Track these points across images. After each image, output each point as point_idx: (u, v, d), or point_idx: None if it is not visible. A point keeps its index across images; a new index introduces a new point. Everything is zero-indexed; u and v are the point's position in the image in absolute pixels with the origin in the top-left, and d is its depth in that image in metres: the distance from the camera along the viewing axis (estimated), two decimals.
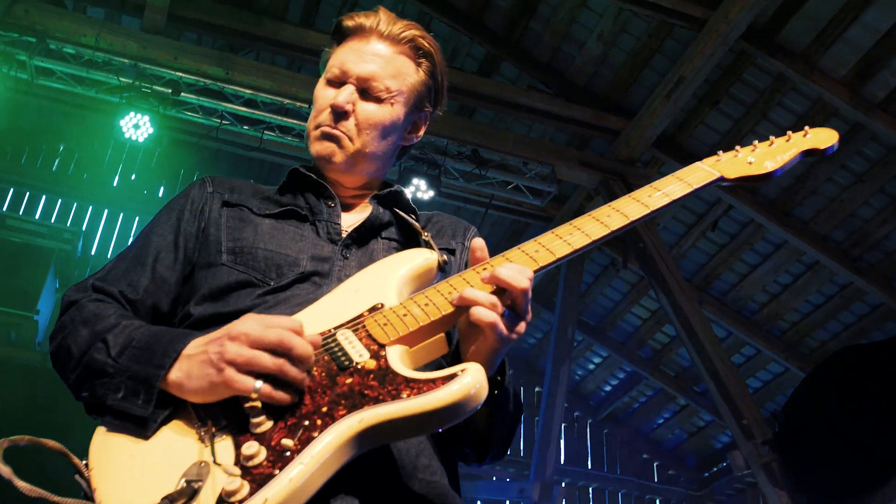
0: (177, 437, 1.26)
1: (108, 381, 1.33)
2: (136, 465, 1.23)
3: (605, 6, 6.31)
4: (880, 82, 5.78)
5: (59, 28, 6.00)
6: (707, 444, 9.67)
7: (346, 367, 1.28)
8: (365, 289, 1.45)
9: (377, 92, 1.71)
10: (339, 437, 1.17)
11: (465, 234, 1.82)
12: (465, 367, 1.23)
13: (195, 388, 1.27)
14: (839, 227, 6.77)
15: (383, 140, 1.75)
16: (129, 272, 1.61)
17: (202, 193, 1.76)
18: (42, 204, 8.49)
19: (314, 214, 1.70)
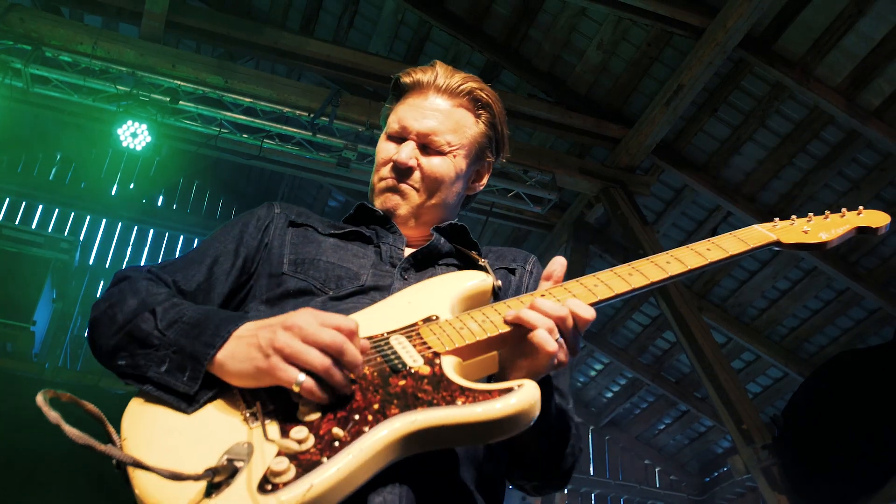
0: (219, 416, 1.23)
1: (152, 352, 1.30)
2: (174, 440, 1.19)
3: (605, 15, 6.34)
4: (875, 90, 5.82)
5: (56, 35, 5.96)
6: (708, 449, 9.70)
7: (399, 370, 1.27)
8: (419, 301, 1.46)
9: (438, 146, 1.75)
10: (391, 434, 1.16)
11: (526, 260, 1.84)
12: (522, 383, 1.22)
13: (238, 370, 1.24)
14: None
15: (447, 191, 1.78)
16: (185, 268, 1.63)
17: (269, 213, 1.79)
18: (39, 213, 8.45)
19: (379, 238, 1.72)
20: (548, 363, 1.31)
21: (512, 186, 6.72)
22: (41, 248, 6.85)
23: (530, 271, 1.79)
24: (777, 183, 6.77)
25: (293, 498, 1.06)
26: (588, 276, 1.49)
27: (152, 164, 8.34)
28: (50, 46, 5.95)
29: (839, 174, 6.47)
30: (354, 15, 7.49)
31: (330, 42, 7.06)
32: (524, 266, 1.80)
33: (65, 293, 7.21)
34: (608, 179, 6.77)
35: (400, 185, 1.74)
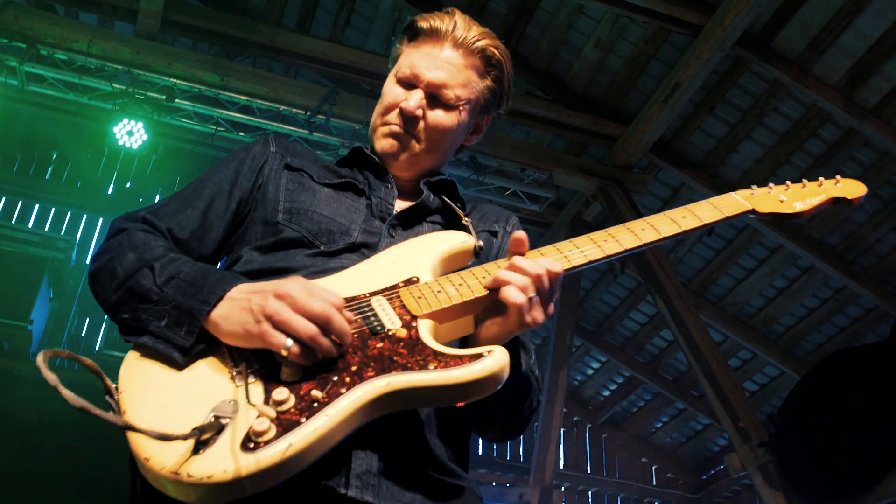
0: (208, 373, 1.31)
1: (152, 307, 1.38)
2: (166, 395, 1.27)
3: (602, 12, 6.33)
4: (873, 88, 5.83)
5: (51, 33, 5.93)
6: (704, 447, 9.71)
7: (378, 332, 1.35)
8: (401, 261, 1.53)
9: (446, 99, 1.77)
10: (366, 395, 1.23)
11: (508, 221, 1.89)
12: (492, 349, 1.29)
13: (230, 331, 1.32)
14: (833, 232, 6.81)
15: (447, 144, 1.83)
16: (179, 211, 1.66)
17: (264, 151, 1.81)
18: (35, 213, 8.40)
19: (371, 190, 1.76)
20: (519, 320, 1.38)
21: (509, 185, 6.71)
22: (38, 248, 6.81)
23: (509, 231, 1.85)
24: (775, 181, 6.70)
25: (273, 455, 1.14)
26: (564, 241, 1.54)
27: (149, 162, 8.28)
28: (45, 44, 5.92)
29: (837, 172, 6.40)
30: (351, 13, 7.48)
31: (326, 40, 7.04)
32: (505, 227, 1.86)
33: (62, 292, 7.18)
34: (605, 178, 6.76)
35: (403, 133, 1.77)
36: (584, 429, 10.14)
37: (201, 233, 1.66)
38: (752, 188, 1.73)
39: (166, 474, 1.15)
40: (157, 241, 1.53)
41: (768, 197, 1.71)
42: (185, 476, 1.14)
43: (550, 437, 6.97)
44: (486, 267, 1.49)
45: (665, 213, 1.62)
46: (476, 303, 1.43)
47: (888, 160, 6.16)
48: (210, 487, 1.14)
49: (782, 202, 1.70)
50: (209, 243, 1.67)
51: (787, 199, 1.71)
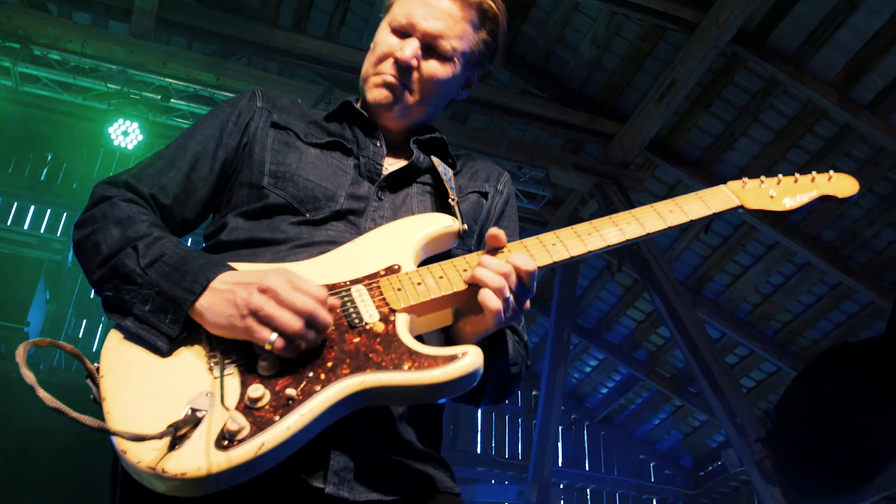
0: (188, 361, 1.32)
1: (136, 290, 1.37)
2: (146, 383, 1.29)
3: (598, 10, 6.33)
4: (868, 84, 5.84)
5: (44, 33, 5.91)
6: (702, 443, 9.74)
7: (356, 326, 1.35)
8: (384, 246, 1.51)
9: (443, 50, 1.73)
10: (339, 393, 1.25)
11: (499, 179, 1.87)
12: (467, 351, 1.30)
13: (215, 322, 1.32)
14: (830, 228, 6.83)
15: (440, 97, 1.79)
16: (162, 174, 1.63)
17: (250, 106, 1.77)
18: (31, 214, 8.38)
19: (359, 149, 1.73)
20: (495, 321, 1.39)
21: None
22: (34, 249, 6.80)
23: (500, 191, 1.84)
24: None
25: (245, 454, 1.17)
26: (548, 234, 1.54)
27: None
28: (39, 45, 5.89)
29: (833, 169, 6.44)
30: (346, 12, 7.46)
31: (322, 39, 7.03)
32: (496, 186, 1.84)
33: (58, 294, 7.16)
34: (602, 175, 6.76)
35: (397, 84, 1.72)
36: (582, 426, 10.16)
37: (185, 196, 1.64)
38: (743, 180, 1.70)
39: (143, 468, 1.18)
40: (141, 213, 1.51)
41: (759, 191, 1.68)
42: (161, 472, 1.17)
43: (549, 435, 6.98)
44: (468, 258, 1.48)
45: (652, 206, 1.60)
46: (455, 296, 1.44)
47: (884, 156, 6.17)
48: (185, 482, 1.17)
49: (772, 198, 1.68)
50: (193, 206, 1.65)
51: (777, 194, 1.68)
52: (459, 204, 1.71)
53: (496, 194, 1.82)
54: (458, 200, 1.70)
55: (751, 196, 1.67)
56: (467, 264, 1.47)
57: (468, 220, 1.72)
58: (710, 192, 1.66)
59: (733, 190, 1.68)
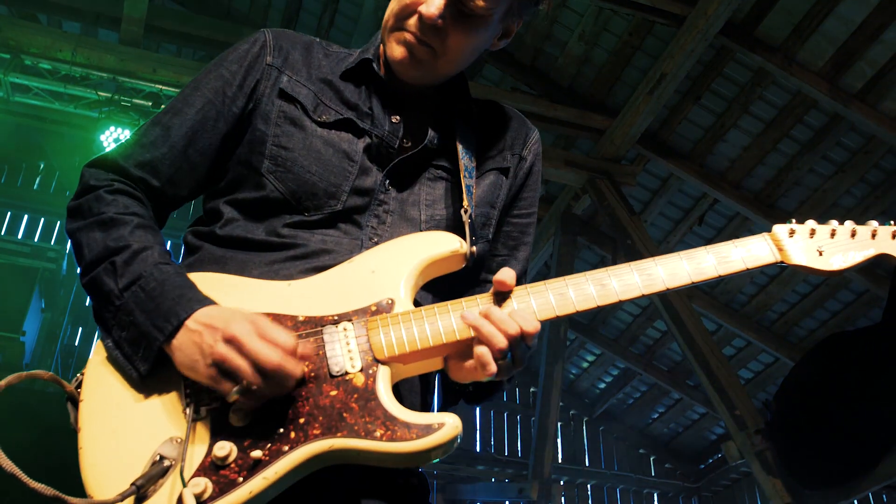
0: (164, 395, 1.31)
1: (115, 311, 1.36)
2: (121, 416, 1.29)
3: (586, 6, 6.34)
4: (857, 73, 5.85)
5: (34, 43, 5.91)
6: (701, 436, 9.75)
7: (335, 376, 1.31)
8: (381, 271, 1.43)
9: (476, 9, 1.50)
10: (307, 454, 1.24)
11: (525, 142, 1.73)
12: (444, 422, 1.26)
13: (181, 363, 1.30)
14: (823, 217, 6.78)
15: (468, 56, 1.59)
16: (155, 149, 1.53)
17: (259, 65, 1.61)
18: (24, 223, 8.39)
19: (373, 126, 1.59)
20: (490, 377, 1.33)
21: None
22: (28, 258, 6.79)
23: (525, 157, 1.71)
24: (762, 169, 6.79)
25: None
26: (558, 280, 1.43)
27: None
28: (29, 54, 5.90)
29: (824, 158, 6.49)
30: (335, 14, 7.46)
31: None
32: (520, 152, 1.71)
33: (53, 303, 7.16)
34: (594, 171, 6.77)
35: (418, 44, 1.52)
36: (580, 422, 10.17)
37: (179, 176, 1.54)
38: (791, 227, 1.53)
39: None
40: (127, 211, 1.45)
41: (805, 245, 1.50)
42: None
43: (548, 432, 6.98)
44: (465, 302, 1.39)
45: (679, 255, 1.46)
46: (447, 346, 1.37)
47: (875, 144, 6.18)
48: None
49: (820, 255, 1.50)
50: (188, 184, 1.56)
51: (826, 250, 1.50)
52: (477, 185, 1.60)
53: (520, 163, 1.70)
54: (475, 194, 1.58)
55: (795, 250, 1.50)
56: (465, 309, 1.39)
57: (484, 207, 1.62)
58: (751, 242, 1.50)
59: (776, 240, 1.51)
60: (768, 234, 1.53)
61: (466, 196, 1.55)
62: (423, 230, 1.55)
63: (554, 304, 1.40)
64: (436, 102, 1.67)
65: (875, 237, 1.54)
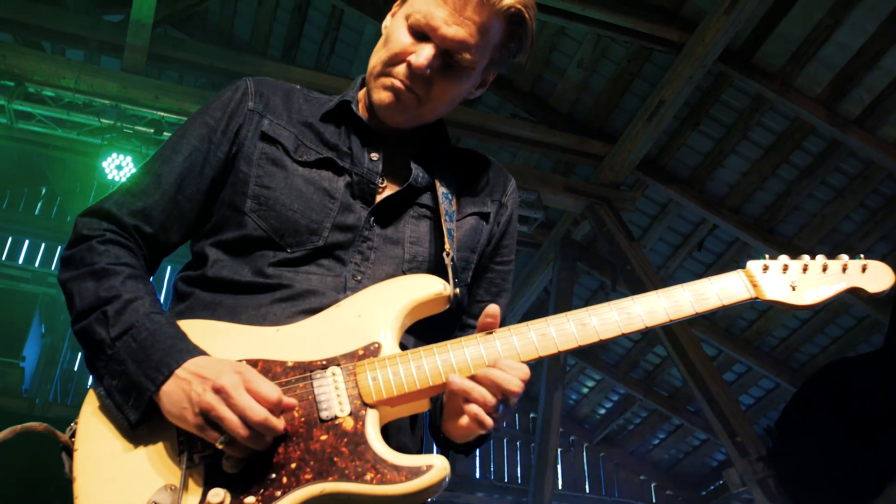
0: (158, 443, 1.34)
1: (106, 360, 1.38)
2: (115, 465, 1.31)
3: (584, 33, 6.39)
4: (855, 99, 5.88)
5: (38, 71, 5.97)
6: (703, 462, 9.68)
7: (325, 421, 1.34)
8: (367, 315, 1.46)
9: (462, 62, 1.57)
10: (298, 499, 1.27)
11: (504, 190, 1.78)
12: (432, 464, 1.29)
13: (170, 411, 1.32)
14: (822, 242, 6.84)
15: (451, 103, 1.67)
16: (147, 196, 1.57)
17: (241, 110, 1.66)
18: (26, 248, 8.42)
19: (353, 165, 1.63)
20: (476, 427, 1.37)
21: None
22: (29, 284, 6.83)
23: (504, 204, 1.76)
24: (761, 194, 6.81)
25: None
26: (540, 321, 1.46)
27: None
28: (33, 82, 5.96)
29: (823, 184, 6.51)
30: (335, 41, 7.54)
31: (312, 69, 7.10)
32: (500, 199, 1.76)
33: (53, 328, 7.18)
34: (593, 196, 6.79)
35: (405, 90, 1.58)
36: (581, 448, 10.11)
37: (171, 222, 1.58)
38: (765, 263, 1.57)
39: None
40: (119, 261, 1.47)
41: (779, 280, 1.55)
42: None
43: (547, 458, 6.93)
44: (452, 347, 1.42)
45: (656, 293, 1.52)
46: (434, 389, 1.40)
47: (873, 170, 6.21)
48: None
49: (793, 289, 1.54)
50: (179, 229, 1.60)
51: (799, 285, 1.54)
52: (457, 229, 1.64)
53: (500, 210, 1.75)
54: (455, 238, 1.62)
55: (769, 285, 1.54)
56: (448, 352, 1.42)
57: (464, 251, 1.66)
58: (726, 279, 1.55)
59: (750, 277, 1.55)
60: (742, 271, 1.57)
61: (448, 239, 1.58)
62: (405, 269, 1.58)
63: (537, 344, 1.43)
64: (414, 143, 1.72)
65: (846, 271, 1.58)
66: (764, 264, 1.57)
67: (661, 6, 6.01)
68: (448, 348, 1.42)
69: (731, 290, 1.53)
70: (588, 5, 5.87)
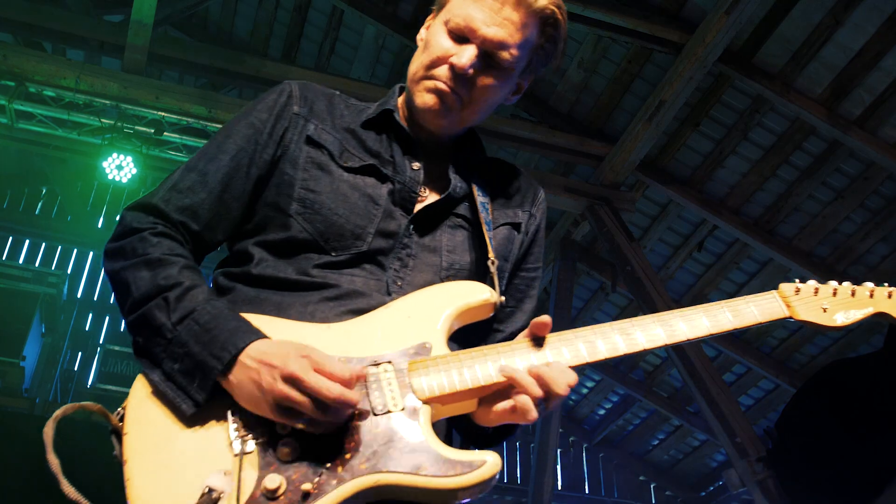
0: (211, 429, 1.34)
1: (166, 345, 1.38)
2: (168, 450, 1.31)
3: (584, 34, 6.39)
4: (855, 100, 5.88)
5: (39, 71, 5.98)
6: (702, 463, 9.68)
7: (378, 413, 1.35)
8: (417, 317, 1.50)
9: (501, 60, 1.62)
10: (352, 489, 1.28)
11: (534, 201, 1.82)
12: (485, 460, 1.31)
13: (240, 397, 1.34)
14: (822, 243, 6.84)
15: (491, 106, 1.71)
16: (194, 192, 1.59)
17: (286, 112, 1.69)
18: (26, 248, 8.43)
19: (395, 173, 1.67)
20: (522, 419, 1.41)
21: None
22: (29, 283, 6.82)
23: (534, 215, 1.80)
24: (762, 195, 6.81)
25: None
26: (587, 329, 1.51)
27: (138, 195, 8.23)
28: (33, 82, 5.97)
29: (823, 184, 6.51)
30: (335, 41, 7.54)
31: (312, 69, 7.11)
32: (530, 210, 1.80)
33: (54, 327, 7.17)
34: (593, 197, 6.79)
35: (449, 92, 1.62)
36: (580, 449, 10.11)
37: (217, 220, 1.61)
38: (797, 285, 1.66)
39: None
40: (173, 252, 1.49)
41: (811, 302, 1.64)
42: None
43: (547, 459, 6.93)
44: (501, 349, 1.47)
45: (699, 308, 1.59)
46: (483, 389, 1.43)
47: (874, 170, 6.20)
48: None
49: (824, 311, 1.63)
50: (225, 228, 1.63)
51: (829, 307, 1.64)
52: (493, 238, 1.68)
53: (530, 220, 1.78)
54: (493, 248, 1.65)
55: (802, 306, 1.63)
56: (499, 356, 1.46)
57: (500, 260, 1.69)
58: (761, 298, 1.63)
59: (784, 297, 1.63)
60: (776, 292, 1.65)
61: (491, 247, 1.64)
62: (442, 276, 1.62)
63: (584, 352, 1.49)
64: (452, 153, 1.76)
65: (873, 296, 1.68)
66: (796, 287, 1.65)
67: (662, 7, 6.01)
68: (499, 351, 1.47)
69: (768, 309, 1.61)
70: (588, 6, 5.87)
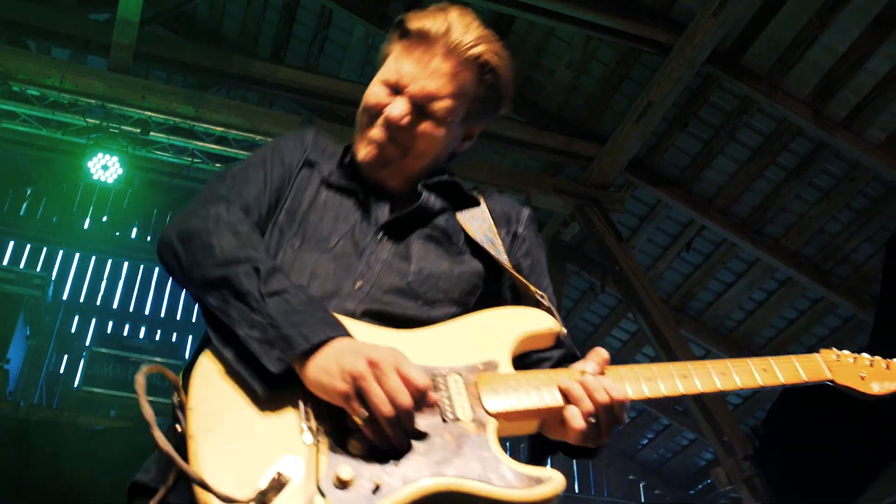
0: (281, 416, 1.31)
1: (247, 312, 1.33)
2: (236, 429, 1.28)
3: (573, 35, 6.40)
4: (841, 101, 5.92)
5: (23, 70, 5.89)
6: (691, 462, 9.72)
7: (447, 421, 1.35)
8: (485, 335, 1.53)
9: (435, 112, 1.65)
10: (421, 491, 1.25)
11: (519, 220, 1.82)
12: (552, 476, 1.31)
13: (316, 378, 1.29)
14: (809, 243, 6.89)
15: (436, 153, 1.71)
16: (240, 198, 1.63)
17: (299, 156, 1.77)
18: (10, 249, 8.32)
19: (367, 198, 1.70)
20: (576, 439, 1.41)
21: None
22: (13, 285, 6.74)
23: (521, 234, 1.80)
24: (749, 195, 6.85)
25: None
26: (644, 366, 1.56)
27: (125, 196, 8.19)
28: (17, 81, 5.87)
29: (810, 185, 6.55)
30: (324, 41, 7.51)
31: (301, 69, 7.06)
32: (516, 230, 1.80)
33: (38, 330, 7.09)
34: (582, 197, 6.80)
35: (386, 142, 1.66)
36: None
37: None
38: (835, 352, 1.75)
39: None
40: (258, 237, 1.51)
41: (850, 368, 1.72)
42: None
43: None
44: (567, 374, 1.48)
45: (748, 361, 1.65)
46: (548, 411, 1.44)
47: (860, 171, 6.25)
48: None
49: (862, 379, 1.71)
50: None
51: (867, 376, 1.72)
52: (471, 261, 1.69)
53: (514, 240, 1.78)
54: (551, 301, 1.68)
55: (842, 372, 1.71)
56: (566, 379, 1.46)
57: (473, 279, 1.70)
58: (805, 360, 1.69)
59: (827, 361, 1.71)
60: (818, 355, 1.73)
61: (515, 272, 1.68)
62: (410, 281, 1.60)
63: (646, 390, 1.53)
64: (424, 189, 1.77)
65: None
66: (836, 354, 1.74)
67: (650, 8, 6.03)
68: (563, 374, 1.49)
69: (813, 369, 1.69)
70: (577, 6, 5.87)
